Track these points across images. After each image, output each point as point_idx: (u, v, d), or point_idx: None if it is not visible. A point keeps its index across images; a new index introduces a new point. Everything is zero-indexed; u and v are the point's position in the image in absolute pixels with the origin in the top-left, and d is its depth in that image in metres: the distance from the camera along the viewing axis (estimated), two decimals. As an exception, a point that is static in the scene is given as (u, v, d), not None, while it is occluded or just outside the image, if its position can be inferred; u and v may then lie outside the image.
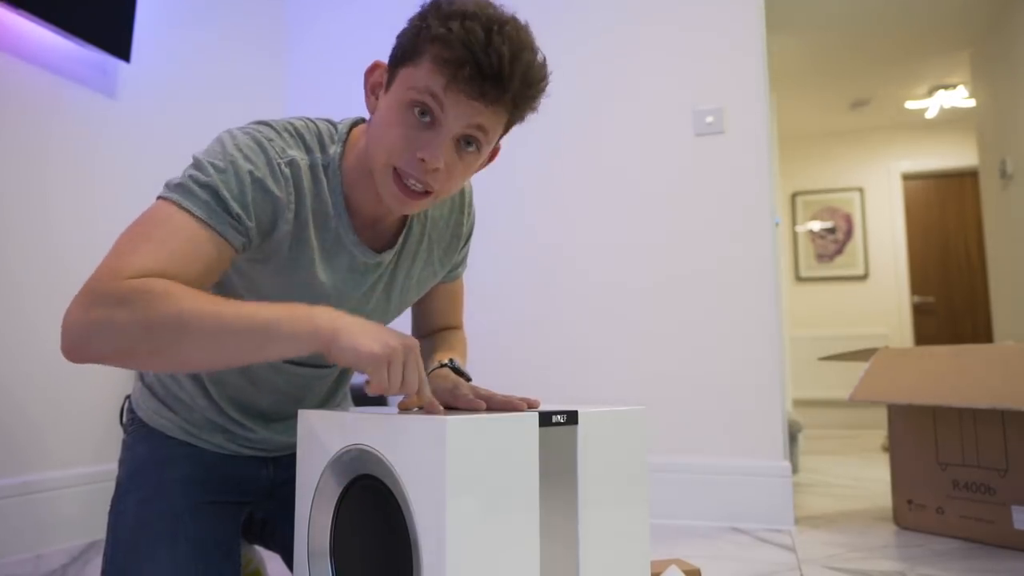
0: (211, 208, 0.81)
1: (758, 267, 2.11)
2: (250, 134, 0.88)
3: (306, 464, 0.84)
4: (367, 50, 2.57)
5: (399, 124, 0.84)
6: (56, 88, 1.81)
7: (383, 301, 1.04)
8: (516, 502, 0.72)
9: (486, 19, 0.80)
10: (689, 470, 2.08)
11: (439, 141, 0.83)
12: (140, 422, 1.07)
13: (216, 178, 0.82)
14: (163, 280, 0.75)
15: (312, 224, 0.91)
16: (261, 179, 0.85)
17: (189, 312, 0.73)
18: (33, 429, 1.70)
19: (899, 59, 4.34)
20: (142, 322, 0.73)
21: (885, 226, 5.54)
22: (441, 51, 0.79)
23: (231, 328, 0.74)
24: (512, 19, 0.83)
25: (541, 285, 2.31)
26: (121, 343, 0.74)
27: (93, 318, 0.73)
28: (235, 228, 0.83)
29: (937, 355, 1.94)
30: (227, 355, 0.77)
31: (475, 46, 0.78)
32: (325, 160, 0.92)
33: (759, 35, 2.18)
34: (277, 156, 0.87)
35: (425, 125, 0.83)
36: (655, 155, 2.24)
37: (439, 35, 0.79)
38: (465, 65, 0.79)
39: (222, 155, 0.84)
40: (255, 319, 0.74)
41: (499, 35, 0.79)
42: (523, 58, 0.82)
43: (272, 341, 0.75)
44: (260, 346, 0.75)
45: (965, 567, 1.60)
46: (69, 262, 1.81)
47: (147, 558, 0.94)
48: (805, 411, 5.05)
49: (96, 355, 0.75)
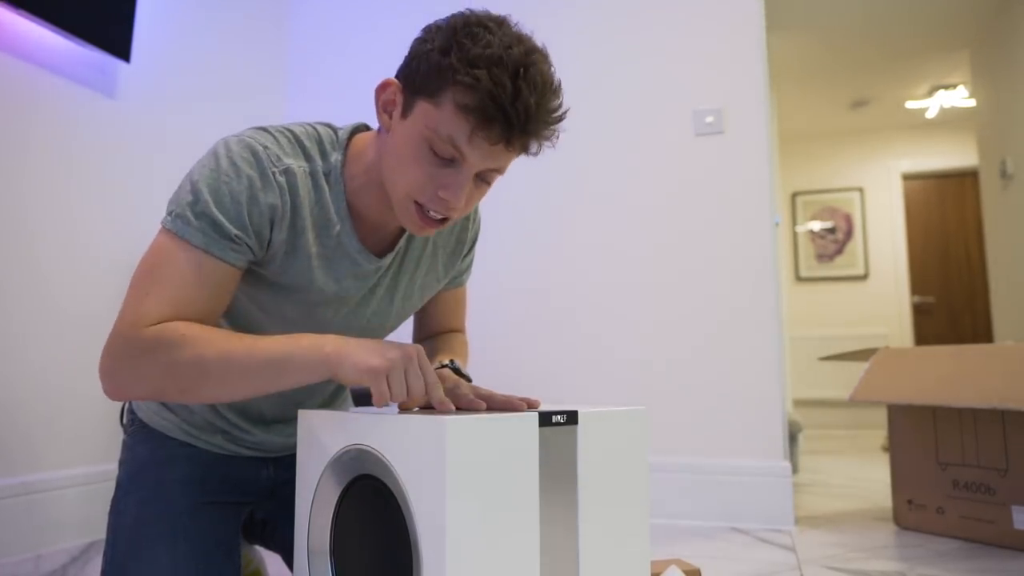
0: (209, 236, 0.83)
1: (758, 267, 2.11)
2: (245, 142, 0.87)
3: (306, 464, 0.84)
4: (368, 51, 2.59)
5: (419, 162, 0.84)
6: (56, 88, 1.81)
7: (385, 304, 1.04)
8: (516, 502, 0.72)
9: (513, 64, 0.78)
10: (689, 470, 2.08)
11: (461, 181, 0.84)
12: (140, 423, 1.07)
13: (211, 202, 0.84)
14: (178, 325, 0.81)
15: (311, 230, 0.91)
16: (255, 192, 0.86)
17: (205, 356, 0.79)
18: (33, 429, 1.70)
19: (899, 59, 4.34)
20: (165, 371, 0.80)
21: (885, 226, 5.54)
22: (466, 99, 0.78)
23: (248, 367, 0.80)
24: (535, 54, 0.82)
25: (541, 285, 2.31)
26: (151, 389, 0.83)
27: (122, 368, 0.82)
28: (235, 250, 0.85)
29: (937, 355, 1.94)
30: (247, 390, 0.82)
31: (503, 100, 0.78)
32: (326, 167, 0.93)
33: (759, 35, 2.18)
34: (272, 165, 0.87)
35: (446, 162, 0.84)
36: (655, 155, 2.24)
37: (464, 82, 0.78)
38: (493, 119, 0.78)
39: (216, 172, 0.85)
40: (269, 355, 0.80)
41: (525, 83, 0.79)
42: (546, 104, 0.82)
43: (287, 374, 0.80)
44: (276, 380, 0.81)
45: (965, 567, 1.60)
46: (69, 262, 1.81)
47: (147, 558, 0.94)
48: (805, 411, 5.05)
49: (134, 397, 0.85)
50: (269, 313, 0.96)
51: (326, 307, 0.97)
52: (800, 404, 5.03)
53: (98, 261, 1.89)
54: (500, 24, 0.82)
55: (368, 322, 1.04)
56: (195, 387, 0.81)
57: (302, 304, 0.95)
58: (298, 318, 0.97)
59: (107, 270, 1.91)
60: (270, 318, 0.97)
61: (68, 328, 1.79)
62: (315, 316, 0.97)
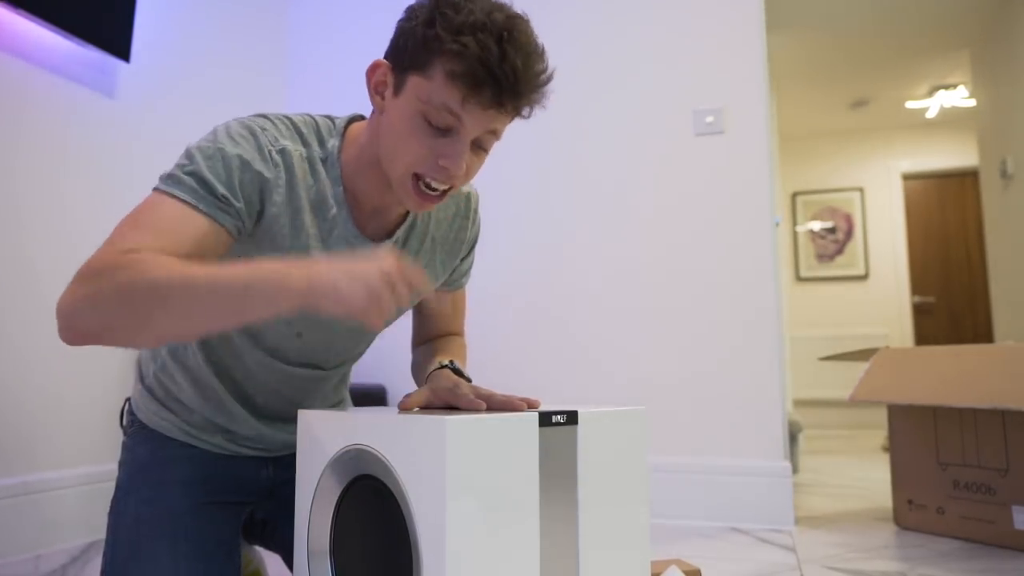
0: (197, 192, 0.83)
1: (758, 267, 2.11)
2: (243, 123, 0.90)
3: (306, 464, 0.84)
4: (368, 53, 2.57)
5: (416, 134, 0.85)
6: (55, 88, 1.81)
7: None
8: (516, 502, 0.72)
9: (497, 29, 0.80)
10: (689, 470, 2.08)
11: (460, 149, 0.85)
12: (140, 424, 1.07)
13: (203, 164, 0.84)
14: (144, 254, 0.75)
15: (309, 212, 0.92)
16: (248, 161, 0.86)
17: (164, 278, 0.73)
18: (33, 429, 1.70)
19: (899, 59, 4.34)
20: (118, 291, 0.74)
21: (885, 226, 5.54)
22: (455, 66, 0.80)
23: (206, 290, 0.73)
24: (517, 19, 0.83)
25: (540, 285, 2.31)
26: (102, 317, 0.75)
27: (78, 295, 0.75)
28: (223, 210, 0.84)
29: (937, 355, 1.93)
30: (206, 319, 0.76)
31: (491, 62, 0.79)
32: (323, 153, 0.94)
33: (759, 35, 2.18)
34: (268, 144, 0.89)
35: (442, 132, 0.85)
36: (655, 155, 2.24)
37: (452, 50, 0.79)
38: (483, 82, 0.80)
39: (212, 142, 0.87)
40: (231, 281, 0.74)
41: (511, 45, 0.80)
42: (533, 65, 0.83)
43: (249, 301, 0.73)
44: (238, 308, 0.74)
45: (965, 567, 1.60)
46: (68, 261, 1.81)
47: (147, 559, 0.94)
48: (805, 411, 5.05)
49: (83, 332, 0.76)
50: None
51: None
52: (800, 404, 5.03)
53: (98, 261, 1.89)
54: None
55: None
56: (147, 316, 0.74)
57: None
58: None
59: (107, 270, 1.91)
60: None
61: (68, 328, 1.79)
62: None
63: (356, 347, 1.10)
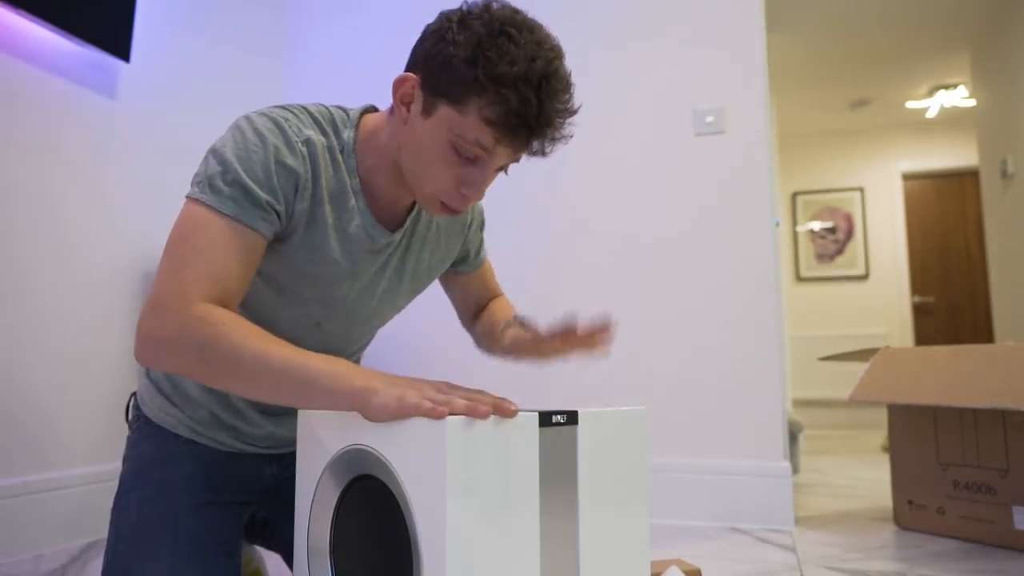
0: (240, 204, 0.85)
1: (758, 267, 2.11)
2: (266, 115, 0.90)
3: (306, 464, 0.84)
4: (367, 53, 2.59)
5: (445, 163, 0.88)
6: (55, 88, 1.81)
7: (395, 281, 1.07)
8: (516, 502, 0.72)
9: (537, 79, 0.82)
10: (689, 470, 2.08)
11: (483, 178, 0.89)
12: (145, 419, 1.07)
13: (241, 172, 0.85)
14: (221, 311, 0.81)
15: (328, 203, 0.94)
16: (282, 158, 0.88)
17: (242, 354, 0.78)
18: (33, 429, 1.70)
19: (899, 59, 4.34)
20: (200, 356, 0.80)
21: (885, 226, 5.54)
22: (492, 113, 0.82)
23: (278, 376, 0.78)
24: (555, 62, 0.84)
25: (540, 284, 2.31)
26: (182, 367, 0.83)
27: (159, 341, 0.82)
28: (264, 219, 0.87)
29: (937, 355, 1.93)
30: (273, 398, 0.81)
31: (529, 115, 0.82)
32: (340, 144, 0.96)
33: (759, 35, 2.18)
34: (295, 135, 0.90)
35: (469, 161, 0.88)
36: (655, 155, 2.24)
37: (491, 99, 0.82)
38: (518, 130, 0.83)
39: (242, 142, 0.87)
40: (300, 371, 0.77)
41: (547, 94, 0.83)
42: (565, 110, 0.86)
43: (313, 395, 0.77)
44: (301, 397, 0.79)
45: (965, 567, 1.60)
46: (70, 261, 1.81)
47: (148, 556, 0.94)
48: (805, 411, 5.06)
49: (163, 370, 0.86)
50: (284, 292, 0.97)
51: (341, 282, 0.99)
52: (800, 404, 5.03)
53: (98, 261, 1.89)
54: (522, 30, 0.84)
55: (379, 302, 1.06)
56: (222, 380, 0.82)
57: (319, 280, 0.97)
58: (313, 296, 0.98)
59: (107, 269, 1.91)
60: (284, 297, 0.98)
61: (68, 328, 1.79)
62: (331, 293, 0.99)
63: (371, 332, 1.14)
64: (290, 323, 0.99)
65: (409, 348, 2.38)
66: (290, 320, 0.99)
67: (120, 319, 1.93)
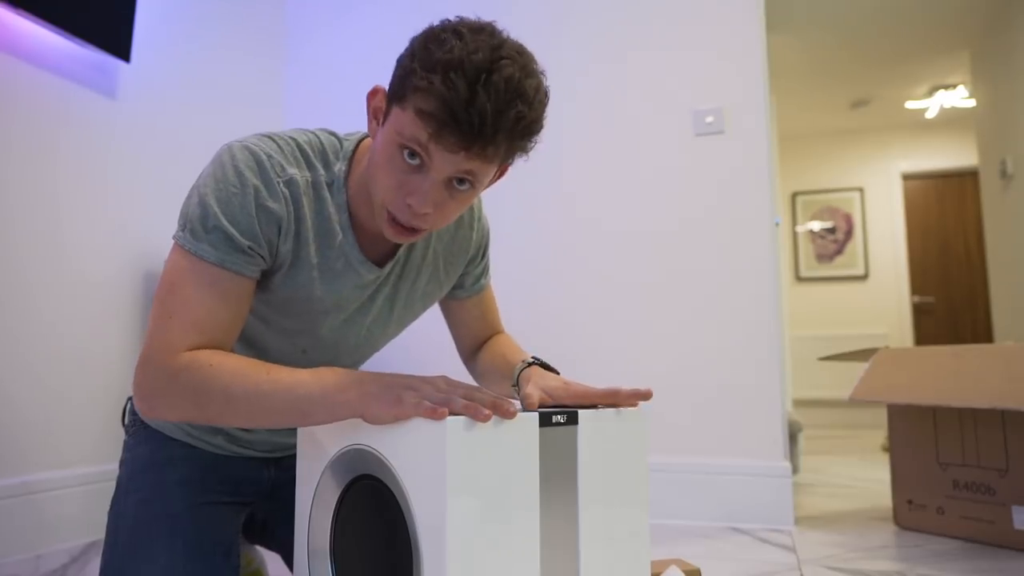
0: (221, 250, 0.84)
1: (758, 267, 2.11)
2: (249, 150, 0.87)
3: (306, 464, 0.84)
4: (366, 52, 2.59)
5: (390, 167, 0.83)
6: (56, 88, 1.81)
7: (385, 313, 1.04)
8: (516, 502, 0.72)
9: (473, 69, 0.75)
10: (689, 470, 2.08)
11: (426, 187, 0.82)
12: (141, 423, 1.07)
13: (221, 217, 0.84)
14: (206, 355, 0.81)
15: (313, 242, 0.91)
16: (262, 200, 0.86)
17: (232, 392, 0.79)
18: (33, 429, 1.70)
19: (899, 59, 4.34)
20: (194, 403, 0.82)
21: (885, 226, 5.54)
22: (422, 104, 0.77)
23: (271, 404, 0.79)
24: (504, 61, 0.77)
25: (540, 286, 2.31)
26: (182, 415, 0.84)
27: (154, 394, 0.83)
28: (248, 262, 0.86)
29: (937, 355, 1.93)
30: (275, 424, 0.81)
31: (455, 104, 0.75)
32: (329, 177, 0.92)
33: (759, 35, 2.18)
34: (276, 175, 0.87)
35: (414, 168, 0.82)
36: (655, 155, 2.24)
37: (420, 87, 0.76)
38: (446, 124, 0.76)
39: (223, 183, 0.85)
40: (292, 394, 0.78)
41: (484, 88, 0.75)
42: (510, 113, 0.77)
43: (311, 413, 0.78)
44: (302, 417, 0.79)
45: (965, 567, 1.60)
46: (70, 262, 1.81)
47: (145, 559, 0.94)
48: (805, 411, 5.05)
49: (167, 420, 0.88)
50: (268, 324, 0.97)
51: (324, 316, 0.97)
52: (800, 404, 5.03)
53: (98, 261, 1.89)
54: (476, 30, 0.79)
55: (368, 331, 1.04)
56: (221, 417, 0.82)
57: (303, 314, 0.96)
58: (296, 328, 0.97)
59: (107, 269, 1.91)
60: (269, 328, 0.97)
61: (68, 328, 1.79)
62: (315, 325, 0.97)
63: (363, 359, 1.11)
64: (278, 352, 0.99)
65: (409, 347, 2.38)
66: (277, 347, 0.99)
67: (119, 320, 1.93)
